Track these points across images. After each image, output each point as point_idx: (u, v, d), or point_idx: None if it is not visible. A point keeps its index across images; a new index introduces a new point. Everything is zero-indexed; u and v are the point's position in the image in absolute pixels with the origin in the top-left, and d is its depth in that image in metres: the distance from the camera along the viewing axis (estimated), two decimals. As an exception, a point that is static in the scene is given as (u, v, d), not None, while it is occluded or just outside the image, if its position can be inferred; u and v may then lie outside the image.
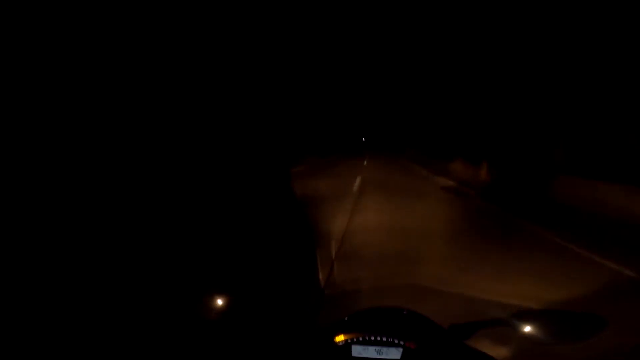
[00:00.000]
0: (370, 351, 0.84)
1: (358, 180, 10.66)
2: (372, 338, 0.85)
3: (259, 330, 1.12)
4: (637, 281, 3.24)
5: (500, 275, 3.25)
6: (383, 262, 3.62)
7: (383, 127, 55.68)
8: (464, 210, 6.84)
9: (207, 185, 8.99)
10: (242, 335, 1.11)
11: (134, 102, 11.35)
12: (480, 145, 13.55)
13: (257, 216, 5.89)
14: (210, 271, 3.27)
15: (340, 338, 0.88)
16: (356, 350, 0.85)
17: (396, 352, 0.83)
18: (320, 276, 3.21)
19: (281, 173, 12.03)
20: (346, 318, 0.98)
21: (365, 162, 20.08)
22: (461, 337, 0.95)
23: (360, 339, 0.86)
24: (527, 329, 0.97)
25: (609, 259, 3.69)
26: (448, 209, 6.75)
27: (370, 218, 5.61)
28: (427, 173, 13.71)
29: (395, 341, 0.84)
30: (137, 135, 10.60)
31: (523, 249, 4.27)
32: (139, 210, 6.09)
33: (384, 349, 0.84)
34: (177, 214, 5.87)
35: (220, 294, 1.30)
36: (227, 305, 1.26)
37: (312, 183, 9.93)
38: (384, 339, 0.85)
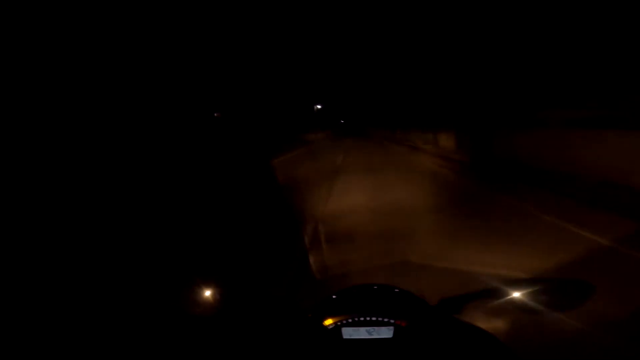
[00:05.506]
0: (362, 332, 0.82)
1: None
2: (363, 319, 0.83)
3: (248, 321, 1.07)
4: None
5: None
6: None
7: (359, 110, 54.63)
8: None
9: (191, 177, 8.89)
10: (231, 327, 1.07)
11: (125, 101, 11.16)
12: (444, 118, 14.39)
13: (241, 206, 5.85)
14: (196, 262, 3.24)
15: (329, 321, 0.85)
16: (347, 332, 0.82)
17: (387, 331, 0.81)
18: (311, 261, 3.20)
19: (263, 165, 11.91)
20: (334, 296, 0.95)
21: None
22: (451, 311, 0.93)
23: (350, 320, 0.83)
24: (518, 298, 0.96)
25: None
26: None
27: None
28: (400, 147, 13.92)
29: (386, 320, 0.82)
30: (125, 131, 10.44)
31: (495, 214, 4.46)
32: (121, 200, 6.00)
33: (375, 329, 0.81)
34: (160, 206, 5.79)
35: (207, 285, 1.25)
36: (214, 298, 1.22)
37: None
38: (375, 318, 0.82)
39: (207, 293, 1.21)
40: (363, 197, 5.86)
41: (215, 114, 19.99)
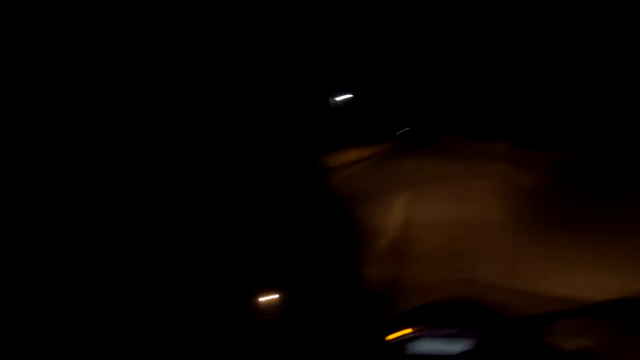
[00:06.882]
0: (436, 344, 0.83)
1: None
2: (439, 331, 0.84)
3: (312, 329, 1.12)
4: None
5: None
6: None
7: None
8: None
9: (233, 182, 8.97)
10: (295, 335, 1.11)
11: (135, 97, 11.30)
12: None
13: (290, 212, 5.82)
14: (253, 270, 3.32)
15: (403, 332, 0.86)
16: (419, 344, 0.83)
17: (469, 344, 0.81)
18: (371, 273, 3.19)
19: (306, 165, 11.24)
20: (414, 308, 0.97)
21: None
22: (532, 330, 0.91)
23: (426, 332, 0.84)
24: (603, 320, 0.92)
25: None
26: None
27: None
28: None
29: (469, 332, 0.82)
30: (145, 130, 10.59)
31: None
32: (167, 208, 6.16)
33: (457, 341, 0.81)
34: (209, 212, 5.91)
35: (268, 293, 1.29)
36: (275, 305, 1.25)
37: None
38: (452, 331, 0.83)
39: (270, 301, 1.27)
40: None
41: (200, 127, 15.19)
